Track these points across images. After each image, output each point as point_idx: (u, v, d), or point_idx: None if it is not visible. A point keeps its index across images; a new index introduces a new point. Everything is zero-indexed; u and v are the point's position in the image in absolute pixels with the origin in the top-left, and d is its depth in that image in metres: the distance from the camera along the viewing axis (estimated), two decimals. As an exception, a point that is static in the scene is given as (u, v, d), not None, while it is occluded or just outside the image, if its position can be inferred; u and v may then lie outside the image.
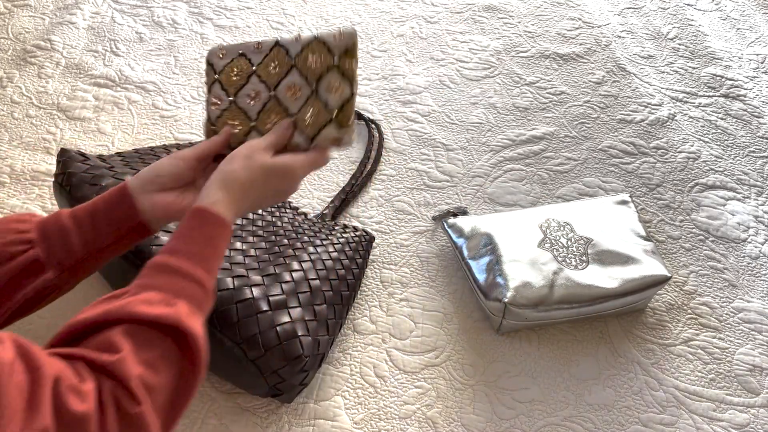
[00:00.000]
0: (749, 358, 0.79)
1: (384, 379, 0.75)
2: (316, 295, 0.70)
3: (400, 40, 1.18)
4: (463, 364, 0.76)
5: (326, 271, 0.73)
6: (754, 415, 0.74)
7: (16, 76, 1.07)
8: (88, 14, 1.19)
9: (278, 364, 0.63)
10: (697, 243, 0.90)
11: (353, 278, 0.76)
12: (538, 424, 0.72)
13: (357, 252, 0.79)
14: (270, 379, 0.64)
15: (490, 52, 1.16)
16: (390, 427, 0.71)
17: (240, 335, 0.63)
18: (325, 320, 0.70)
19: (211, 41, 1.15)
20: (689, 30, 1.23)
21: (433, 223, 0.90)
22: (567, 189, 0.96)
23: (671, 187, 0.97)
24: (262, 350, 0.63)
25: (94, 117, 1.02)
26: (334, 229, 0.82)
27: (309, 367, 0.66)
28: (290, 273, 0.70)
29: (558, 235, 0.80)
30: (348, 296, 0.75)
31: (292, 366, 0.64)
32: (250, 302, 0.65)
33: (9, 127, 0.99)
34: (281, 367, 0.63)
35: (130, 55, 1.12)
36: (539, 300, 0.73)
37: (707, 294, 0.85)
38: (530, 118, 1.05)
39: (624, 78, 1.12)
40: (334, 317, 0.71)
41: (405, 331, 0.79)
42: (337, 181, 0.94)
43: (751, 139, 1.04)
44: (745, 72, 1.15)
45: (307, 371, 0.66)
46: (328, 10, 1.23)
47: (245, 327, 0.63)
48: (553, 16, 1.24)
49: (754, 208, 0.94)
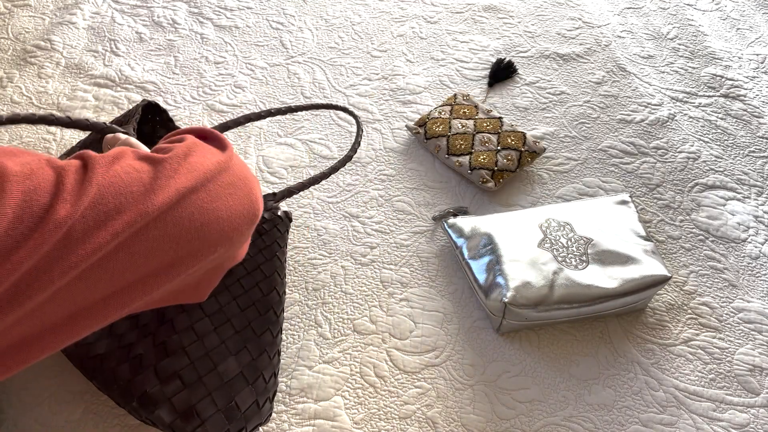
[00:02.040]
0: (749, 358, 0.79)
1: (384, 379, 0.75)
2: (217, 356, 0.65)
3: (400, 40, 1.18)
4: (463, 364, 0.76)
5: (224, 315, 0.67)
6: (754, 415, 0.74)
7: (16, 76, 1.07)
8: (88, 14, 1.19)
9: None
10: (697, 243, 0.90)
11: (265, 292, 0.70)
12: (538, 424, 0.72)
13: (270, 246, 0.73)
14: None
15: (490, 52, 1.16)
16: (390, 427, 0.71)
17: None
18: (240, 373, 0.65)
19: (211, 41, 1.15)
20: (689, 30, 1.23)
21: (433, 223, 0.90)
22: (567, 189, 0.96)
23: (671, 187, 0.97)
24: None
25: (94, 117, 1.02)
26: None
27: (252, 413, 0.64)
28: (185, 352, 0.64)
29: (558, 235, 0.80)
30: (263, 320, 0.69)
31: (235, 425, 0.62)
32: (158, 415, 0.61)
33: (9, 127, 0.99)
34: None
35: (130, 55, 1.12)
36: (539, 300, 0.73)
37: (707, 294, 0.85)
38: (530, 118, 1.05)
39: (624, 78, 1.12)
40: (250, 359, 0.66)
41: (405, 331, 0.79)
42: (337, 181, 0.95)
43: (751, 139, 1.04)
44: (745, 72, 1.15)
45: (245, 426, 0.64)
46: (328, 10, 1.23)
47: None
48: (553, 16, 1.24)
49: (754, 208, 0.94)
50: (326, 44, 1.16)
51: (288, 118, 1.03)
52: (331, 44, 1.16)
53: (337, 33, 1.18)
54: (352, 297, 0.82)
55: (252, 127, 1.01)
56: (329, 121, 1.03)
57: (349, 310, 0.80)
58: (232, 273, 0.70)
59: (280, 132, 1.01)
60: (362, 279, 0.84)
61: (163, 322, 0.66)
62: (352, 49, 1.15)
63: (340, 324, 0.79)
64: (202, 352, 0.64)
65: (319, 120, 1.03)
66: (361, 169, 0.96)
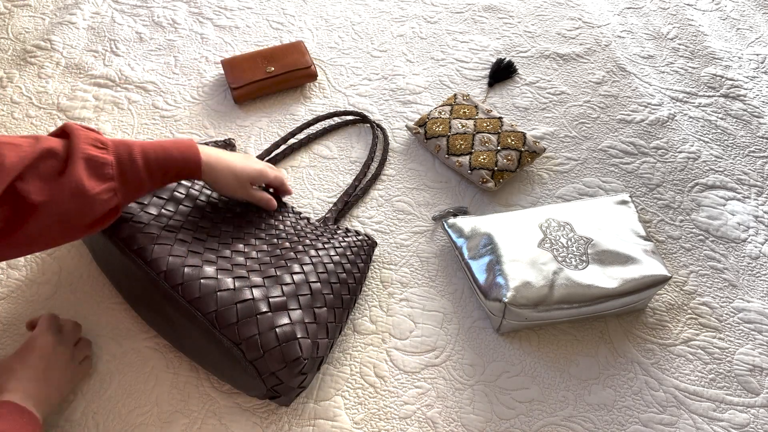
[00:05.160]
0: (749, 358, 0.79)
1: (384, 379, 0.75)
2: (316, 298, 0.70)
3: (400, 40, 1.18)
4: (463, 364, 0.76)
5: (327, 274, 0.73)
6: (754, 415, 0.74)
7: (16, 76, 1.07)
8: (88, 14, 1.19)
9: (276, 366, 0.63)
10: (697, 243, 0.90)
11: (354, 282, 0.76)
12: (538, 424, 0.72)
13: (359, 256, 0.79)
14: (268, 381, 0.64)
15: (490, 52, 1.16)
16: (390, 427, 0.71)
17: (239, 336, 0.63)
18: (325, 323, 0.69)
19: (211, 41, 1.15)
20: (689, 30, 1.23)
21: (433, 223, 0.90)
22: (567, 189, 0.96)
23: (671, 187, 0.97)
24: (260, 351, 0.63)
25: (94, 117, 1.02)
26: (336, 233, 0.82)
27: (307, 369, 0.66)
28: (291, 275, 0.70)
29: (558, 235, 0.80)
30: (349, 300, 0.75)
31: (290, 368, 0.64)
32: (250, 303, 0.65)
33: (9, 127, 0.99)
34: (279, 369, 0.63)
35: (130, 55, 1.12)
36: (539, 300, 0.73)
37: (707, 294, 0.85)
38: (530, 118, 1.05)
39: (624, 78, 1.12)
40: (334, 321, 0.71)
41: (405, 331, 0.79)
42: (337, 181, 0.95)
43: (751, 139, 1.04)
44: (745, 72, 1.15)
45: (306, 374, 0.66)
46: (328, 10, 1.23)
47: (245, 328, 0.63)
48: (553, 16, 1.24)
49: (754, 208, 0.94)
50: (326, 44, 1.16)
51: (287, 118, 1.03)
52: (331, 44, 1.16)
53: (337, 33, 1.18)
54: (352, 297, 0.82)
55: (252, 126, 1.01)
56: (329, 122, 1.03)
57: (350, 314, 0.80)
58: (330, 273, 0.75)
59: (280, 132, 1.01)
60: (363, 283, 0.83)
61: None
62: (352, 49, 1.15)
63: (340, 324, 0.79)
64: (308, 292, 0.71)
65: (319, 120, 1.03)
66: (361, 169, 0.96)
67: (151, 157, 0.65)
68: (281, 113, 1.04)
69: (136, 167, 0.63)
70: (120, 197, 0.62)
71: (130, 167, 0.63)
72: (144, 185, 0.65)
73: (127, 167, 0.63)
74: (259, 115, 1.04)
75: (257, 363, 0.63)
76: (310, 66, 1.06)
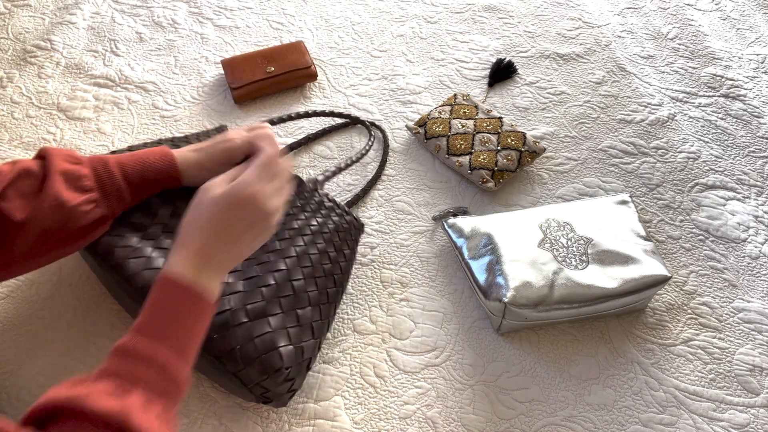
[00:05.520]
0: (749, 358, 0.79)
1: (384, 379, 0.75)
2: (299, 297, 0.68)
3: (400, 40, 1.18)
4: (463, 364, 0.76)
5: (312, 268, 0.71)
6: (754, 415, 0.74)
7: (16, 76, 1.07)
8: (88, 14, 1.19)
9: (259, 377, 0.62)
10: (697, 243, 0.90)
11: (341, 272, 0.74)
12: (538, 424, 0.72)
13: (345, 242, 0.77)
14: (254, 390, 0.64)
15: (490, 52, 1.16)
16: (390, 427, 0.71)
17: (218, 350, 0.62)
18: (310, 324, 0.68)
19: (211, 41, 1.15)
20: (689, 30, 1.23)
21: (433, 223, 0.90)
22: (567, 189, 0.96)
23: (671, 187, 0.97)
24: (241, 364, 0.62)
25: (94, 117, 1.02)
26: (323, 206, 0.79)
27: (293, 375, 0.65)
28: (273, 274, 0.68)
29: (558, 235, 0.80)
30: (335, 293, 0.73)
31: (273, 378, 0.63)
32: (227, 314, 0.63)
33: (9, 127, 0.99)
34: (263, 380, 0.62)
35: (130, 55, 1.12)
36: (539, 300, 0.73)
37: (707, 294, 0.85)
38: (530, 118, 1.05)
39: (624, 78, 1.12)
40: (320, 318, 0.69)
41: (405, 331, 0.79)
42: (337, 181, 0.95)
43: (751, 139, 1.04)
44: (745, 72, 1.15)
45: (293, 379, 0.65)
46: (328, 10, 1.23)
47: (223, 341, 0.62)
48: (553, 16, 1.24)
49: (754, 208, 0.94)
50: (326, 44, 1.16)
51: (288, 118, 1.03)
52: (331, 44, 1.16)
53: (337, 33, 1.18)
54: (352, 297, 0.82)
55: (252, 127, 1.01)
56: (329, 122, 1.03)
57: (349, 310, 0.80)
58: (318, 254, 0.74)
59: (280, 132, 1.01)
60: (362, 279, 0.84)
61: None
62: (352, 49, 1.15)
63: (340, 324, 0.79)
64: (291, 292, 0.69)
65: (318, 120, 1.03)
66: (361, 169, 0.96)
67: (126, 166, 0.65)
68: (281, 113, 1.04)
69: (114, 176, 0.64)
70: (103, 208, 0.63)
71: (108, 177, 0.64)
72: (124, 194, 0.65)
73: (105, 178, 0.63)
74: (259, 115, 1.04)
75: (240, 375, 0.62)
76: (310, 66, 1.06)
